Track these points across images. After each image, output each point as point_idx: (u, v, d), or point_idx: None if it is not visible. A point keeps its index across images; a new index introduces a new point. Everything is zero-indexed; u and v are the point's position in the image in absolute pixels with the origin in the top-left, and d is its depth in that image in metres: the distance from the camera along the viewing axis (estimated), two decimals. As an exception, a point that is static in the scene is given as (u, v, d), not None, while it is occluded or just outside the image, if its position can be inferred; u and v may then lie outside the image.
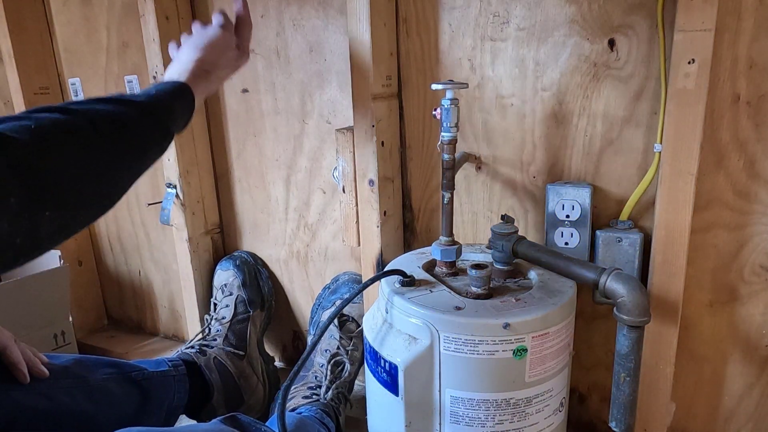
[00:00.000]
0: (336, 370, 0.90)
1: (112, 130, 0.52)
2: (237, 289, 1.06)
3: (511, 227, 0.72)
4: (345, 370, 0.91)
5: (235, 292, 1.05)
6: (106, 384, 0.75)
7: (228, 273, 1.08)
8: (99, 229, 1.35)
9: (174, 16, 1.01)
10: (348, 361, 0.91)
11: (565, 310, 0.65)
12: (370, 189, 0.87)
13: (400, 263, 0.78)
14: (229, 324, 1.02)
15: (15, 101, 1.24)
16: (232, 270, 1.08)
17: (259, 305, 1.07)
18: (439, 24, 0.84)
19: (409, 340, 0.65)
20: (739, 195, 0.73)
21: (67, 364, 0.74)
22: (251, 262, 1.11)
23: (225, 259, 1.12)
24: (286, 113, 1.01)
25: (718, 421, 0.82)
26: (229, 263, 1.10)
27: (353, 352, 0.93)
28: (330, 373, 0.90)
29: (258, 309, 1.06)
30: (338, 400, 0.88)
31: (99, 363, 0.78)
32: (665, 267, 0.71)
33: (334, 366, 0.91)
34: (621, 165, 0.77)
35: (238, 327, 1.02)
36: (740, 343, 0.78)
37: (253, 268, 1.10)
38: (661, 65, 0.70)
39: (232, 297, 1.05)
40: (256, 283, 1.09)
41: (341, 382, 0.90)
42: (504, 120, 0.83)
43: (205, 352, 0.96)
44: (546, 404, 0.66)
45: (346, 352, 0.92)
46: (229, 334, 1.00)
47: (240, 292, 1.05)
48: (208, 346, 0.98)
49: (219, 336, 1.00)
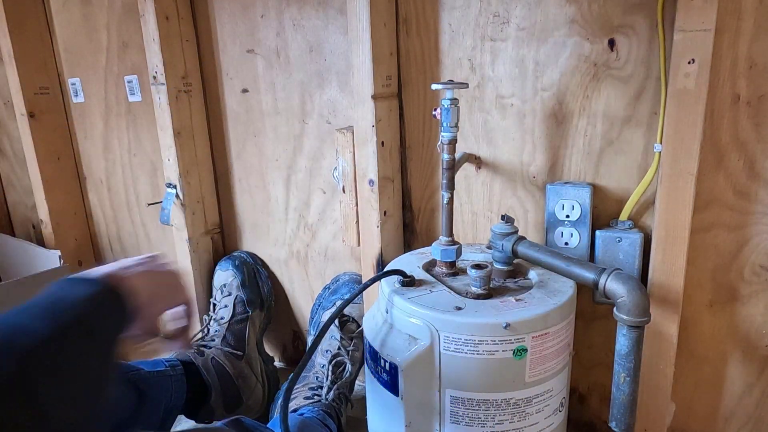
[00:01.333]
0: (337, 371, 0.90)
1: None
2: (236, 289, 1.06)
3: (511, 227, 0.72)
4: (346, 370, 0.91)
5: (234, 293, 1.05)
6: None
7: (227, 273, 1.08)
8: (99, 229, 1.35)
9: (174, 16, 1.01)
10: (349, 361, 0.91)
11: (565, 310, 0.65)
12: (370, 189, 0.87)
13: (400, 263, 0.78)
14: (228, 324, 1.02)
15: (15, 101, 1.24)
16: (231, 270, 1.08)
17: (258, 305, 1.07)
18: (439, 24, 0.84)
19: (409, 340, 0.65)
20: (739, 195, 0.73)
21: None
22: (250, 262, 1.11)
23: (224, 260, 1.12)
24: (286, 113, 1.01)
25: (718, 421, 0.82)
26: (228, 263, 1.10)
27: (354, 353, 0.93)
28: (331, 374, 0.90)
29: (257, 309, 1.06)
30: (340, 401, 0.88)
31: None
32: (665, 267, 0.71)
33: (335, 366, 0.91)
34: (621, 165, 0.77)
35: (236, 327, 1.02)
36: (740, 343, 0.78)
37: (252, 268, 1.10)
38: (661, 65, 0.70)
39: (230, 297, 1.05)
40: (256, 283, 1.09)
41: (342, 382, 0.90)
42: (504, 120, 0.83)
43: (203, 352, 0.95)
44: (546, 404, 0.66)
45: (347, 352, 0.92)
46: (227, 334, 1.00)
47: (239, 293, 1.05)
48: (206, 346, 0.98)
49: (217, 336, 1.00)
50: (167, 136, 1.05)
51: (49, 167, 1.28)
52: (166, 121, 1.04)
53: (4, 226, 1.54)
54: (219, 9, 1.01)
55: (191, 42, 1.04)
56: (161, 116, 1.04)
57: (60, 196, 1.31)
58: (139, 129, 1.18)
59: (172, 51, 1.01)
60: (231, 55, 1.03)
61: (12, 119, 1.33)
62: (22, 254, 1.33)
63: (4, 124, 1.42)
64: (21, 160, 1.36)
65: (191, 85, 1.06)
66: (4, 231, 1.50)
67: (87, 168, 1.31)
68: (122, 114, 1.19)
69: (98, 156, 1.27)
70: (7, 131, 1.42)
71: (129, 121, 1.19)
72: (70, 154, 1.31)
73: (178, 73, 1.03)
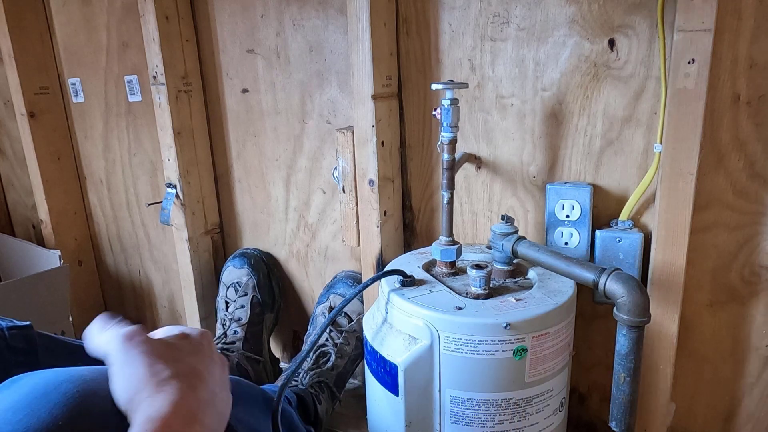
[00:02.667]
0: (320, 361, 0.91)
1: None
2: (252, 289, 1.04)
3: (511, 227, 0.72)
4: (329, 360, 0.91)
5: (250, 293, 1.03)
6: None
7: (242, 271, 1.06)
8: (99, 229, 1.35)
9: (174, 16, 1.01)
10: (334, 353, 0.91)
11: (565, 310, 0.65)
12: (370, 189, 0.87)
13: (400, 263, 0.78)
14: (247, 326, 1.00)
15: (15, 101, 1.24)
16: (246, 269, 1.06)
17: (270, 307, 1.06)
18: (439, 24, 0.84)
19: (409, 340, 0.65)
20: (739, 195, 0.73)
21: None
22: (265, 262, 1.09)
23: (238, 257, 1.09)
24: (286, 113, 1.01)
25: (718, 421, 0.82)
26: (243, 261, 1.07)
27: (343, 346, 0.92)
28: (312, 362, 0.90)
29: (269, 311, 1.06)
30: (319, 389, 0.88)
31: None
32: (665, 267, 0.71)
33: (319, 356, 0.91)
34: (621, 165, 0.77)
35: (254, 330, 1.01)
36: (740, 343, 0.78)
37: (266, 269, 1.09)
38: (661, 65, 0.70)
39: (246, 297, 1.03)
40: (270, 285, 1.08)
41: (322, 371, 0.89)
42: (504, 120, 0.83)
43: (228, 356, 0.95)
44: (546, 404, 0.66)
45: (335, 345, 0.92)
46: (248, 337, 0.99)
47: (255, 293, 1.04)
48: (229, 350, 0.97)
49: (238, 340, 0.99)
50: (167, 136, 1.05)
51: (49, 167, 1.28)
52: (166, 121, 1.04)
53: (4, 226, 1.54)
54: (219, 9, 1.01)
55: (191, 42, 1.04)
56: (161, 116, 1.04)
57: (60, 196, 1.31)
58: (139, 129, 1.18)
59: (172, 51, 1.01)
60: (231, 55, 1.03)
61: (12, 119, 1.32)
62: (22, 254, 1.33)
63: (4, 124, 1.42)
64: (21, 160, 1.36)
65: (191, 85, 1.06)
66: (4, 231, 1.50)
67: (87, 168, 1.31)
68: (122, 114, 1.19)
69: (98, 156, 1.27)
70: (7, 131, 1.42)
71: (129, 121, 1.19)
72: (70, 154, 1.31)
73: (178, 73, 1.03)
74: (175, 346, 0.43)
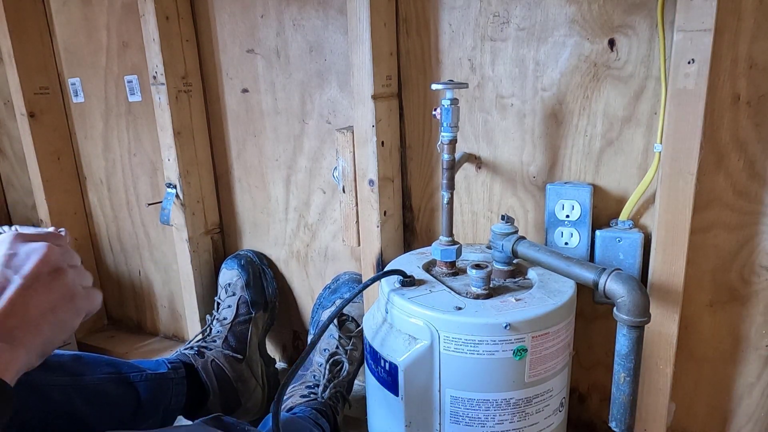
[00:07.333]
0: (334, 370, 0.90)
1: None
2: (240, 289, 1.05)
3: (511, 227, 0.72)
4: (344, 369, 0.91)
5: (238, 293, 1.05)
6: (102, 385, 0.75)
7: (232, 272, 1.08)
8: (99, 229, 1.35)
9: (174, 16, 1.01)
10: (347, 360, 0.91)
11: (565, 310, 0.65)
12: (370, 189, 0.87)
13: (400, 263, 0.78)
14: (230, 325, 1.01)
15: (15, 101, 1.23)
16: (236, 270, 1.07)
17: (262, 306, 1.06)
18: (439, 24, 0.84)
19: (409, 340, 0.65)
20: (739, 195, 0.73)
21: (64, 360, 0.74)
22: (256, 262, 1.10)
23: (231, 258, 1.10)
24: (286, 113, 1.01)
25: (718, 421, 0.82)
26: (234, 262, 1.09)
27: (352, 352, 0.93)
28: (328, 372, 0.90)
29: (261, 310, 1.06)
30: (336, 399, 0.88)
31: (97, 361, 0.78)
32: (665, 267, 0.71)
33: (332, 365, 0.90)
34: (621, 165, 0.77)
35: (238, 329, 1.01)
36: (740, 343, 0.78)
37: (258, 269, 1.09)
38: (661, 65, 0.70)
39: (234, 297, 1.04)
40: (260, 284, 1.08)
41: (339, 381, 0.90)
42: (504, 120, 0.83)
43: (203, 354, 0.95)
44: (546, 404, 0.66)
45: (345, 351, 0.92)
46: (229, 336, 1.00)
47: (243, 293, 1.05)
48: (207, 348, 0.97)
49: (219, 338, 1.00)
50: (167, 136, 1.05)
51: (49, 167, 1.28)
52: (166, 121, 1.04)
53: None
54: (219, 9, 1.01)
55: (191, 42, 1.04)
56: (161, 116, 1.04)
57: (60, 196, 1.31)
58: (139, 129, 1.18)
59: (172, 51, 1.01)
60: (231, 55, 1.03)
61: (12, 119, 1.32)
62: (22, 254, 1.33)
63: (4, 124, 1.42)
64: (21, 160, 1.36)
65: (191, 85, 1.06)
66: (4, 231, 1.50)
67: (87, 168, 1.31)
68: (122, 114, 1.19)
69: (98, 156, 1.27)
70: (7, 131, 1.42)
71: (129, 121, 1.19)
72: (70, 154, 1.31)
73: (178, 73, 1.03)
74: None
